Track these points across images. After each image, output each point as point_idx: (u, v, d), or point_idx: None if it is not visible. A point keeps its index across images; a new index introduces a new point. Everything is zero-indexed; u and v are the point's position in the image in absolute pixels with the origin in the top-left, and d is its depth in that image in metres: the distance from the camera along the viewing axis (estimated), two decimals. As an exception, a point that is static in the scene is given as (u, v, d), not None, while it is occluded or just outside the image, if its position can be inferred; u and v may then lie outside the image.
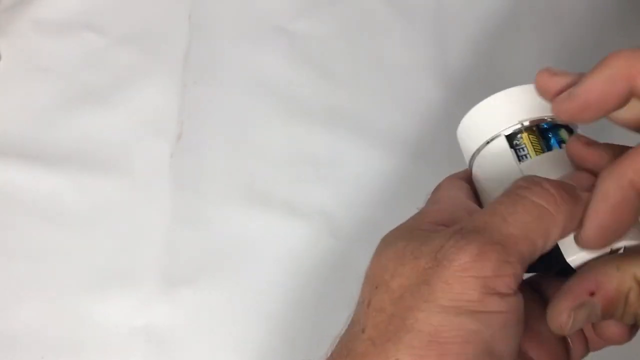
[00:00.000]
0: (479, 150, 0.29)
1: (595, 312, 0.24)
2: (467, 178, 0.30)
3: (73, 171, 0.51)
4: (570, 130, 0.29)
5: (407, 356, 0.22)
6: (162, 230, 0.50)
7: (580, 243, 0.25)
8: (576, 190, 0.24)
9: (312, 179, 0.51)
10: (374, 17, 0.54)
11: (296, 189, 0.50)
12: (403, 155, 0.50)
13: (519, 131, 0.28)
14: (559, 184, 0.24)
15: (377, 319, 0.23)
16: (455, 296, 0.22)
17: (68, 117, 0.53)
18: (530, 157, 0.28)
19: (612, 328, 0.27)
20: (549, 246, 0.24)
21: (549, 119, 0.29)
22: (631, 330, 0.27)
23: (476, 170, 0.30)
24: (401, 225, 0.26)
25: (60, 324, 0.48)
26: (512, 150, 0.28)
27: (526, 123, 0.28)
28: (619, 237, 0.24)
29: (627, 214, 0.24)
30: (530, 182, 0.24)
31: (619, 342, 0.28)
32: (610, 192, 0.24)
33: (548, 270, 0.27)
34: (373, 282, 0.24)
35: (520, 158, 0.28)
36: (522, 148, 0.28)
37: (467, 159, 0.30)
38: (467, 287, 0.22)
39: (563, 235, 0.24)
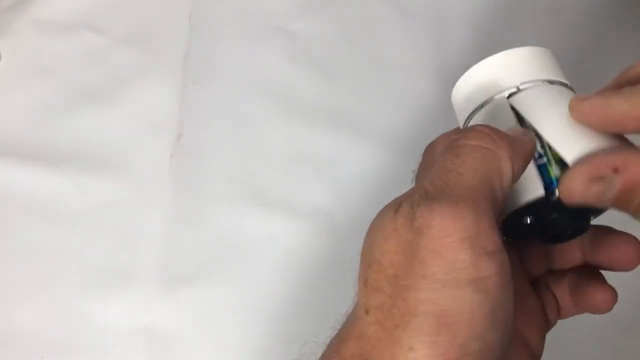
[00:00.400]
0: (476, 110, 0.29)
1: (611, 191, 0.23)
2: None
3: (73, 171, 0.51)
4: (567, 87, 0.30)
5: (419, 343, 0.21)
6: (162, 230, 0.50)
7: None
8: (513, 135, 0.24)
9: (312, 179, 0.51)
10: (374, 17, 0.54)
11: (296, 189, 0.50)
12: (403, 155, 0.50)
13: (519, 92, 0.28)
14: (489, 128, 0.24)
15: (378, 299, 0.22)
16: (449, 265, 0.21)
17: (68, 117, 0.53)
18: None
19: (599, 294, 0.27)
20: (506, 185, 0.23)
21: (548, 81, 0.29)
22: (615, 298, 0.27)
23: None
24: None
25: (60, 324, 0.48)
26: (513, 111, 0.28)
27: (526, 85, 0.28)
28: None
29: None
30: (461, 131, 0.24)
31: (602, 309, 0.27)
32: None
33: (543, 236, 0.27)
34: (366, 259, 0.24)
35: (521, 121, 0.27)
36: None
37: (461, 119, 0.30)
38: (457, 252, 0.21)
39: (515, 170, 0.23)
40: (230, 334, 0.47)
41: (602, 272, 0.30)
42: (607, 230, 0.29)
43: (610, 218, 0.29)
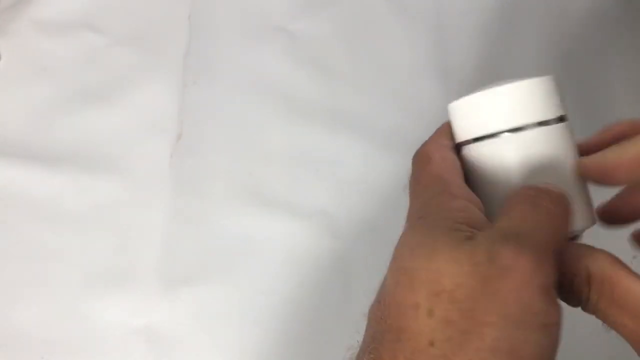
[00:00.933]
0: (481, 138, 0.29)
1: None
2: (451, 142, 0.30)
3: (73, 171, 0.51)
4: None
5: None
6: (162, 230, 0.50)
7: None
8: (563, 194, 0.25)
9: (312, 179, 0.50)
10: (374, 17, 0.54)
11: (296, 189, 0.50)
12: (403, 155, 0.50)
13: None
14: (556, 191, 0.25)
15: (448, 332, 0.22)
16: (527, 308, 0.22)
17: (68, 117, 0.53)
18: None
19: None
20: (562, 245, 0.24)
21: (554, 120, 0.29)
22: None
23: (472, 154, 0.29)
24: (427, 220, 0.25)
25: (60, 324, 0.48)
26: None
27: (536, 123, 0.29)
28: None
29: None
30: (541, 190, 0.25)
31: None
32: None
33: None
34: (430, 287, 0.23)
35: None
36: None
37: (459, 133, 0.30)
38: (535, 297, 0.22)
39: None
40: (230, 334, 0.47)
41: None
42: None
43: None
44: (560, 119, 0.29)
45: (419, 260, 0.23)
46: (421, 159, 0.29)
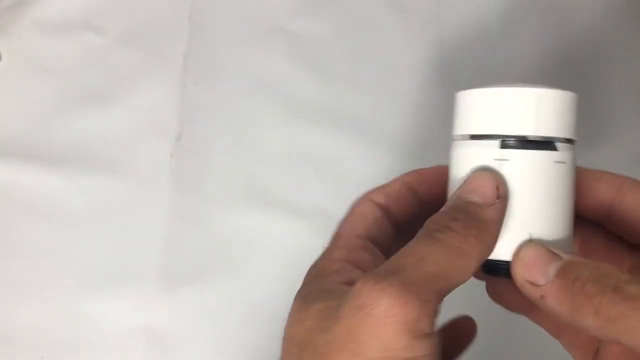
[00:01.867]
0: (477, 137, 0.28)
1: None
2: (387, 198, 0.30)
3: (73, 171, 0.51)
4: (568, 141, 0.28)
5: None
6: (162, 230, 0.50)
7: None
8: (484, 221, 0.25)
9: (312, 179, 0.50)
10: (374, 17, 0.54)
11: (296, 189, 0.50)
12: (403, 155, 0.50)
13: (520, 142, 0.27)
14: (468, 224, 0.24)
15: None
16: (385, 345, 0.22)
17: (68, 117, 0.53)
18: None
19: None
20: (464, 280, 0.24)
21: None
22: None
23: (460, 150, 0.28)
24: (311, 275, 0.27)
25: (60, 324, 0.48)
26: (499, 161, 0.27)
27: (533, 137, 0.27)
28: None
29: None
30: (441, 225, 0.24)
31: None
32: None
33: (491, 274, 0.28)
34: (300, 344, 0.24)
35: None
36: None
37: (458, 123, 0.29)
38: (396, 334, 0.21)
39: (480, 262, 0.25)
40: (230, 334, 0.47)
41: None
42: None
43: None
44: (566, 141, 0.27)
45: (295, 321, 0.25)
46: (344, 219, 0.31)
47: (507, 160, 0.26)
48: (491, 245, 0.25)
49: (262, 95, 0.53)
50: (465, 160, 0.28)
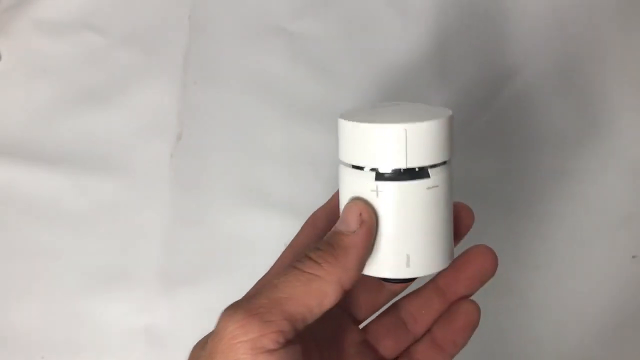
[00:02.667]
0: (356, 167, 0.30)
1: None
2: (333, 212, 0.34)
3: (73, 171, 0.51)
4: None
5: None
6: (162, 230, 0.50)
7: None
8: (343, 248, 0.28)
9: (312, 179, 0.51)
10: (373, 17, 0.54)
11: (296, 188, 0.50)
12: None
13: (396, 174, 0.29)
14: (326, 252, 0.28)
15: None
16: None
17: (68, 117, 0.53)
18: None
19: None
20: (327, 303, 0.27)
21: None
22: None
23: (344, 177, 0.30)
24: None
25: (60, 324, 0.48)
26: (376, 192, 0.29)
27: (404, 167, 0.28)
28: None
29: None
30: (302, 256, 0.28)
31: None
32: None
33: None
34: None
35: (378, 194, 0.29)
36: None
37: (341, 149, 0.31)
38: (239, 352, 0.25)
39: (345, 286, 0.27)
40: (230, 334, 0.47)
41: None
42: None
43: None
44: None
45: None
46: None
47: (382, 191, 0.29)
48: (352, 268, 0.28)
49: (262, 95, 0.53)
50: (348, 188, 0.30)
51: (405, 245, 0.29)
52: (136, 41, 0.54)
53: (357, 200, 0.29)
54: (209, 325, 0.45)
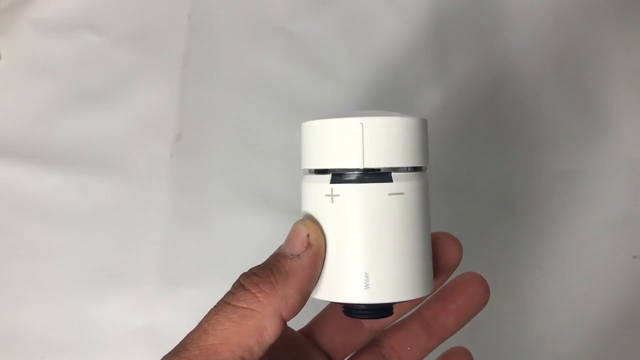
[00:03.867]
0: (316, 171, 0.27)
1: None
2: None
3: (73, 171, 0.51)
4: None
5: None
6: (162, 230, 0.50)
7: None
8: (284, 273, 0.25)
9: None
10: (373, 17, 0.54)
11: (296, 189, 0.50)
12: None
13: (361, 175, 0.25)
14: (263, 280, 0.25)
15: None
16: None
17: (68, 117, 0.53)
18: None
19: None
20: (268, 337, 0.24)
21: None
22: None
23: (303, 185, 0.28)
24: None
25: (60, 324, 0.48)
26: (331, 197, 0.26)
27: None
28: None
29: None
30: (232, 291, 0.25)
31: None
32: None
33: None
34: None
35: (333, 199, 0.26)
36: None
37: (302, 156, 0.27)
38: None
39: (286, 317, 0.25)
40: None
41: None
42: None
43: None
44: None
45: None
46: None
47: (337, 195, 0.25)
48: (293, 296, 0.25)
49: (262, 95, 0.53)
50: (305, 197, 0.27)
51: (363, 262, 0.25)
52: (136, 41, 0.54)
53: (306, 220, 0.26)
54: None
